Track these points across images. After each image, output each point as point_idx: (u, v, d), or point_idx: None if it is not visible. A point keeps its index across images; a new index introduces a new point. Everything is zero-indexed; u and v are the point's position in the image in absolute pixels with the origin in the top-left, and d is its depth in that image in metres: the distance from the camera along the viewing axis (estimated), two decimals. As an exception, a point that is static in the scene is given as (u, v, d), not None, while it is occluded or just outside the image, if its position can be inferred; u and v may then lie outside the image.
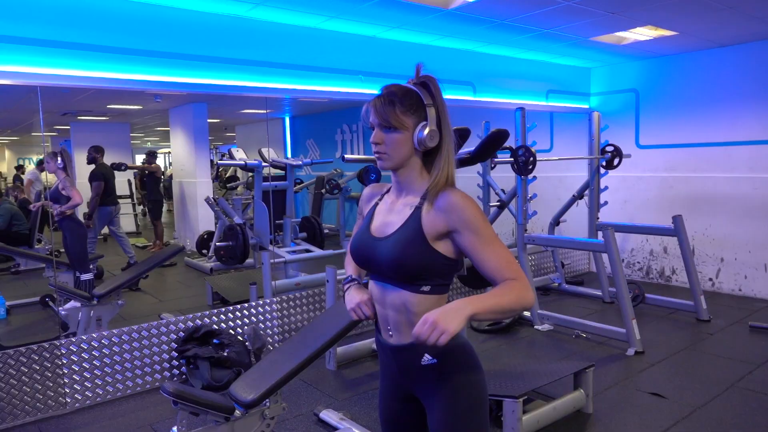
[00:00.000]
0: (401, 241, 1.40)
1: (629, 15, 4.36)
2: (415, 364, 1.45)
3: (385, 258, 1.42)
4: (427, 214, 1.39)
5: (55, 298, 4.73)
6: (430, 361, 1.43)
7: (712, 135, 5.72)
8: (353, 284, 1.61)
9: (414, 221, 1.40)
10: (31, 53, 3.18)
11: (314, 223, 7.25)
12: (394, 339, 1.49)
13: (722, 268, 5.76)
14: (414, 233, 1.39)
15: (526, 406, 2.97)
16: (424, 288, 1.41)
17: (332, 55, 4.53)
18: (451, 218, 1.37)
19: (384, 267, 1.43)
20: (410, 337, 1.44)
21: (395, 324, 1.47)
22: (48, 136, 9.65)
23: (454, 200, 1.37)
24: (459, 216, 1.36)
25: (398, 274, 1.41)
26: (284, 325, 4.42)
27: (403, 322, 1.45)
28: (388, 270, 1.43)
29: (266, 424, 2.39)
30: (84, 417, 3.37)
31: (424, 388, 1.47)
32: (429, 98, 1.41)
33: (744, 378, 3.64)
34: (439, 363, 1.43)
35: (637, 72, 6.28)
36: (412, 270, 1.39)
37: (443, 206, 1.37)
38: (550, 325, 4.79)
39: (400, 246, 1.40)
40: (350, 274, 1.66)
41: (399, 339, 1.47)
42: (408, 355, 1.46)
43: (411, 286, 1.41)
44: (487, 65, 5.63)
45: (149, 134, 11.86)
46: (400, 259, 1.39)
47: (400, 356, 1.48)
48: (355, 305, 1.55)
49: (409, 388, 1.52)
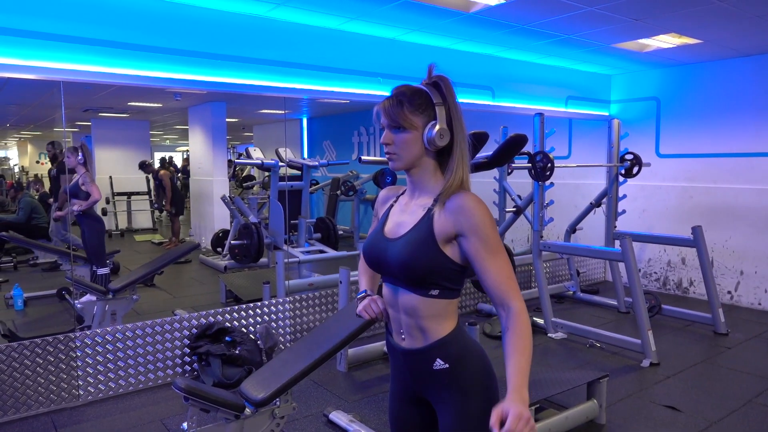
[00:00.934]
0: (411, 243, 1.39)
1: (653, 22, 4.31)
2: (427, 369, 1.44)
3: (395, 259, 1.41)
4: (439, 217, 1.38)
5: (72, 292, 4.78)
6: (442, 366, 1.42)
7: (734, 145, 5.63)
8: (368, 297, 1.61)
9: (426, 223, 1.39)
10: (54, 49, 3.22)
11: (329, 224, 7.26)
12: (407, 342, 1.47)
13: (741, 281, 5.65)
14: (424, 235, 1.38)
15: (538, 415, 2.94)
16: (432, 292, 1.40)
17: (352, 57, 4.54)
18: (459, 221, 1.35)
19: (393, 268, 1.42)
20: (422, 342, 1.43)
21: (407, 328, 1.46)
22: (69, 131, 9.79)
23: (464, 203, 1.35)
24: (468, 220, 1.34)
25: (407, 277, 1.40)
26: (296, 325, 4.42)
27: (413, 326, 1.44)
28: (397, 272, 1.41)
29: (276, 423, 2.38)
30: (96, 410, 3.40)
31: (435, 392, 1.46)
32: (439, 97, 1.40)
33: (762, 394, 3.56)
34: (450, 368, 1.42)
35: (658, 80, 6.20)
36: (420, 272, 1.38)
37: (453, 208, 1.36)
38: (564, 333, 4.74)
39: (409, 247, 1.38)
40: (364, 288, 1.65)
41: (411, 343, 1.46)
42: (420, 359, 1.44)
43: (420, 290, 1.40)
44: (507, 70, 5.60)
45: (168, 132, 11.98)
46: (409, 261, 1.38)
47: (412, 360, 1.47)
48: (365, 304, 1.56)
49: (420, 392, 1.51)
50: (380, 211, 1.60)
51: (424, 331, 1.43)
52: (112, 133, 9.27)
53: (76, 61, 3.30)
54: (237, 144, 11.98)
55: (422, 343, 1.43)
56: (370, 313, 1.54)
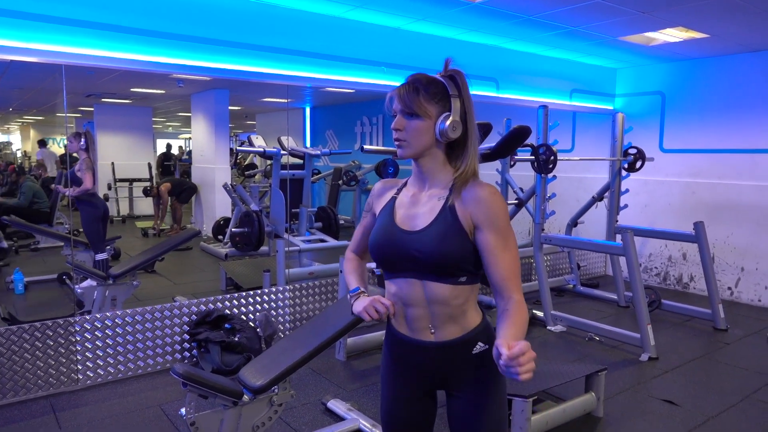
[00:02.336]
0: (441, 234, 1.37)
1: (660, 15, 4.27)
2: (464, 355, 1.44)
3: (425, 251, 1.38)
4: (459, 206, 1.38)
5: (72, 277, 4.79)
6: (482, 348, 1.44)
7: (739, 142, 5.60)
8: (362, 294, 1.52)
9: (450, 213, 1.38)
10: (56, 32, 3.19)
11: (330, 214, 7.24)
12: (437, 335, 1.44)
13: (742, 277, 5.64)
14: (452, 225, 1.37)
15: (536, 407, 2.94)
16: (461, 279, 1.40)
17: (356, 45, 4.51)
18: (477, 212, 1.36)
19: (423, 260, 1.38)
20: (459, 330, 1.43)
21: (438, 320, 1.43)
22: (72, 117, 9.78)
23: (482, 194, 1.36)
24: (485, 212, 1.35)
25: (439, 267, 1.38)
26: (296, 313, 4.43)
27: (446, 317, 1.42)
28: (428, 263, 1.38)
29: (274, 410, 2.39)
30: (95, 394, 3.41)
31: (465, 377, 1.46)
32: (455, 90, 1.39)
33: (760, 390, 3.56)
34: (488, 348, 1.44)
35: (664, 74, 6.16)
36: (453, 261, 1.37)
37: (470, 198, 1.37)
38: (563, 326, 4.74)
39: (440, 238, 1.37)
40: (357, 285, 1.57)
41: (444, 335, 1.43)
42: (456, 349, 1.44)
43: (450, 278, 1.39)
44: (512, 62, 5.56)
45: (171, 119, 11.96)
46: (442, 252, 1.36)
47: (446, 352, 1.44)
48: (367, 304, 1.41)
49: (440, 384, 1.50)
50: (378, 203, 1.56)
51: (458, 318, 1.42)
52: (114, 119, 9.26)
53: (78, 44, 3.27)
54: (240, 132, 11.96)
55: (460, 331, 1.43)
56: (372, 314, 1.39)
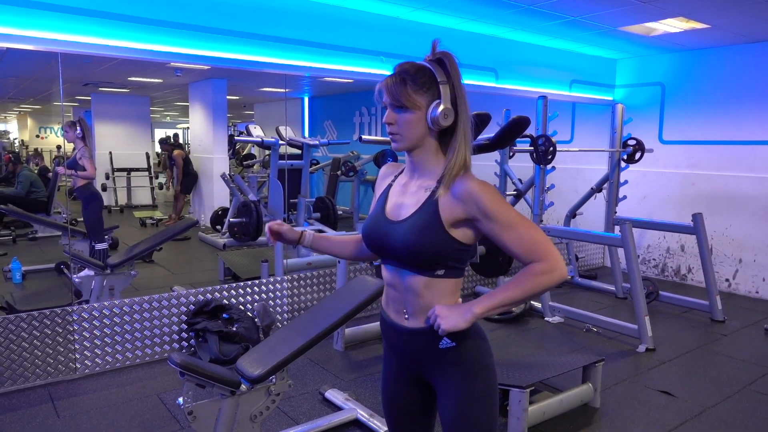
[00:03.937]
0: (417, 227, 1.36)
1: (661, 5, 4.24)
2: (432, 348, 1.43)
3: (401, 243, 1.38)
4: (444, 200, 1.35)
5: (70, 266, 4.78)
6: (449, 345, 1.41)
7: (738, 133, 5.59)
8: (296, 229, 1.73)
9: (431, 206, 1.36)
10: (53, 19, 3.16)
11: (328, 204, 7.23)
12: (410, 323, 1.45)
13: (740, 269, 5.65)
14: (431, 219, 1.36)
15: (533, 397, 2.95)
16: (438, 272, 1.39)
17: (354, 35, 4.47)
18: (469, 207, 1.33)
19: (399, 252, 1.40)
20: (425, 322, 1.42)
21: (412, 308, 1.44)
22: (69, 105, 9.72)
23: (470, 188, 1.33)
24: (476, 205, 1.32)
25: (413, 260, 1.38)
26: (294, 303, 4.43)
27: (419, 306, 1.42)
28: (403, 255, 1.39)
29: (271, 400, 2.39)
30: (93, 383, 3.41)
31: (439, 372, 1.45)
32: (443, 75, 1.36)
33: (757, 381, 3.57)
34: (457, 346, 1.41)
35: (664, 65, 6.13)
36: (427, 255, 1.36)
37: (460, 194, 1.34)
38: (561, 317, 4.75)
39: (415, 231, 1.36)
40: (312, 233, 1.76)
41: (416, 323, 1.44)
42: (426, 338, 1.43)
43: (426, 271, 1.39)
44: (511, 52, 5.53)
45: (168, 109, 11.89)
46: (416, 245, 1.36)
47: (418, 340, 1.45)
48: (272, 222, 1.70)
49: (421, 372, 1.50)
50: (380, 186, 1.57)
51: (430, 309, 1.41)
52: (112, 109, 9.20)
53: (74, 32, 3.24)
54: (238, 122, 11.91)
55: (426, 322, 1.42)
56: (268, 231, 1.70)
